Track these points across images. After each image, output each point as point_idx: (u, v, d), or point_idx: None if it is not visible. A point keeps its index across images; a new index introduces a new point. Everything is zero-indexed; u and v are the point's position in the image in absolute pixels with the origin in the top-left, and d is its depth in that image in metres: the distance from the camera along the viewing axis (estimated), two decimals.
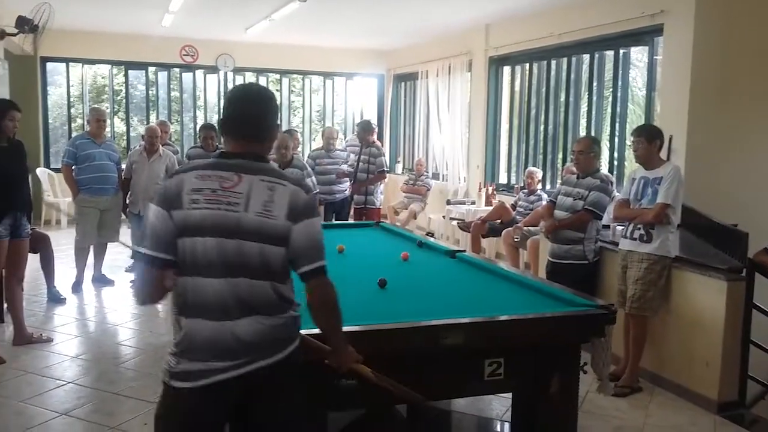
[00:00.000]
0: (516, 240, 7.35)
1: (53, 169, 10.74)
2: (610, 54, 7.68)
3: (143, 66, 12.02)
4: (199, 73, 12.20)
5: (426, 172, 10.58)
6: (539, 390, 3.00)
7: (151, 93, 12.24)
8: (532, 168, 8.24)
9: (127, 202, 7.06)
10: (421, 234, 6.17)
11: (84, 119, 11.09)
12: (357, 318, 2.80)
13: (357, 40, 11.68)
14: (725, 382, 4.29)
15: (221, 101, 12.39)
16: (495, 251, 8.67)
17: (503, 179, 9.89)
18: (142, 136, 7.63)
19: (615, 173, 7.34)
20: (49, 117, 11.98)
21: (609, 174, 6.87)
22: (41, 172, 10.60)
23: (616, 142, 7.59)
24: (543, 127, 8.93)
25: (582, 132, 8.09)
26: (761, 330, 4.56)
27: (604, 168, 7.49)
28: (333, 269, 3.96)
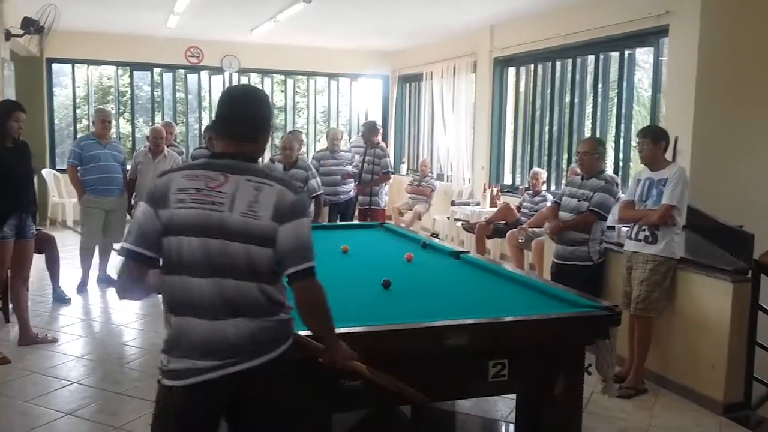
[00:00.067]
0: (520, 241, 7.34)
1: (59, 170, 10.78)
2: (615, 55, 7.67)
3: (148, 67, 12.04)
4: (204, 74, 12.22)
5: (430, 173, 10.57)
6: (543, 391, 2.99)
7: (157, 94, 12.27)
8: (536, 169, 8.23)
9: (132, 202, 7.07)
10: (426, 235, 6.16)
11: (89, 120, 11.14)
12: (361, 319, 2.81)
13: (362, 41, 11.69)
14: (731, 383, 4.27)
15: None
16: (500, 252, 8.66)
17: (508, 180, 9.87)
18: (147, 137, 7.63)
19: (620, 174, 7.33)
20: (55, 118, 12.00)
21: (614, 175, 6.85)
22: (47, 172, 10.63)
23: (621, 143, 7.57)
24: (548, 128, 8.92)
25: (587, 133, 8.07)
26: (767, 331, 4.55)
27: (609, 169, 7.48)
28: (337, 270, 4.01)
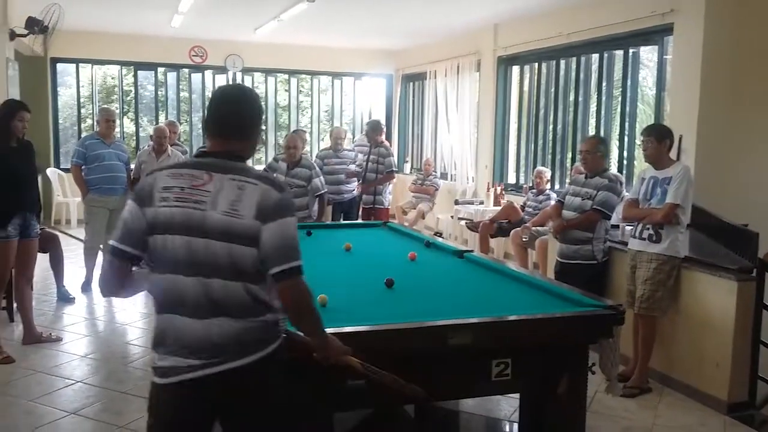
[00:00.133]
0: (524, 240, 7.33)
1: (63, 169, 10.80)
2: (619, 53, 7.65)
3: (152, 66, 12.06)
4: (208, 74, 12.23)
5: (434, 171, 10.56)
6: (547, 390, 2.98)
7: (161, 93, 12.29)
8: (540, 168, 8.21)
9: None
10: (429, 234, 6.16)
11: (94, 120, 11.15)
12: (364, 318, 2.81)
13: (365, 40, 11.68)
14: (735, 382, 4.26)
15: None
16: (503, 251, 8.65)
17: (512, 179, 9.87)
18: (150, 136, 7.65)
19: (624, 173, 7.30)
20: (59, 117, 12.04)
21: (618, 174, 6.83)
22: (51, 172, 10.65)
23: (625, 141, 7.55)
24: (552, 127, 8.90)
25: (591, 132, 8.05)
26: None
27: (613, 168, 7.46)
28: (340, 269, 4.02)
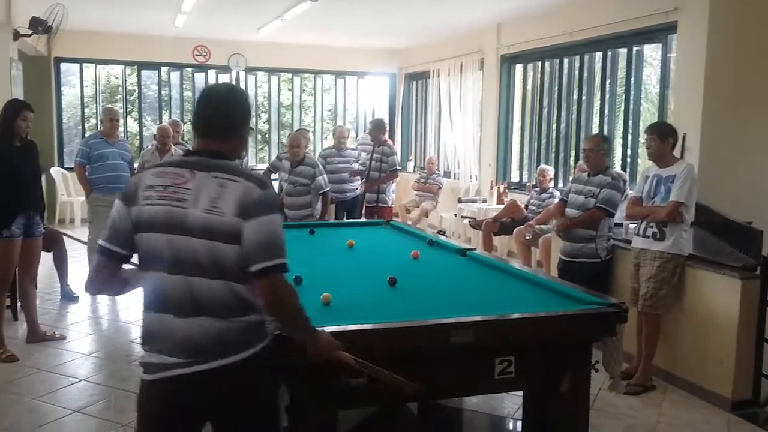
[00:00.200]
0: (528, 238, 7.32)
1: (67, 169, 10.82)
2: (623, 52, 7.63)
3: (156, 66, 12.08)
4: (212, 73, 12.22)
5: (437, 170, 10.55)
6: (550, 388, 2.98)
7: (164, 93, 12.30)
8: (544, 166, 8.20)
9: None
10: (433, 232, 6.15)
11: (97, 119, 11.17)
12: (367, 316, 2.81)
13: (368, 39, 11.67)
14: (739, 380, 4.26)
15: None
16: (507, 249, 8.65)
17: (515, 177, 9.85)
18: (154, 135, 7.65)
19: (628, 171, 7.29)
20: (63, 117, 12.04)
21: (622, 172, 6.83)
22: (55, 171, 10.68)
23: (629, 139, 7.53)
24: (555, 126, 8.89)
25: (595, 130, 8.04)
26: None
27: (617, 166, 7.45)
28: (344, 267, 4.02)
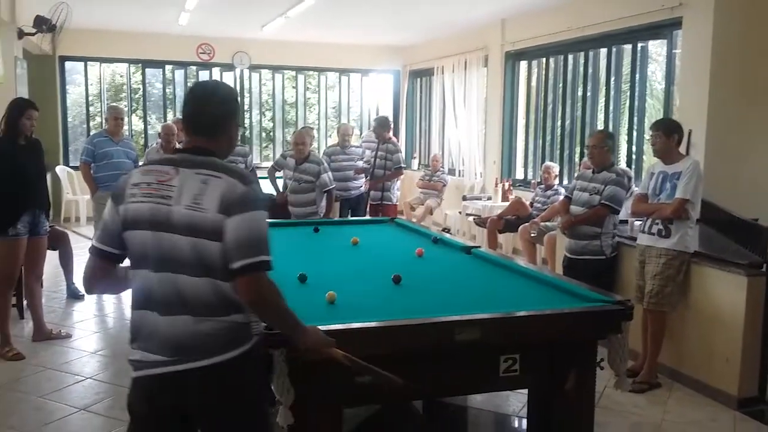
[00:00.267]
0: (533, 235, 7.31)
1: (72, 167, 10.85)
2: (628, 48, 7.60)
3: (160, 64, 12.09)
4: (216, 71, 12.23)
5: (442, 167, 10.54)
6: (555, 386, 2.97)
7: (168, 91, 12.31)
8: (549, 163, 8.18)
9: None
10: (437, 230, 6.15)
11: (102, 117, 11.19)
12: (372, 314, 2.81)
13: (372, 36, 11.66)
14: (745, 377, 4.24)
15: (237, 99, 12.39)
16: (512, 247, 8.64)
17: (520, 175, 9.83)
18: (159, 133, 7.66)
19: (633, 168, 7.27)
20: (68, 115, 12.09)
21: (627, 168, 6.81)
22: (60, 170, 10.70)
23: (634, 136, 7.51)
24: (560, 122, 8.86)
25: (600, 126, 8.01)
26: None
27: (622, 162, 7.43)
28: (348, 265, 4.01)
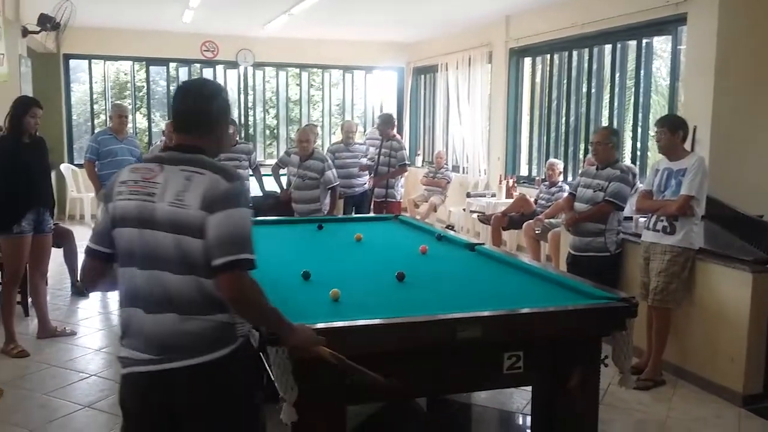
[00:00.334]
0: (537, 232, 7.30)
1: (77, 165, 10.86)
2: (632, 44, 7.58)
3: (164, 62, 12.11)
4: (220, 69, 12.24)
5: (446, 164, 10.52)
6: (559, 383, 2.97)
7: (173, 89, 12.30)
8: (553, 160, 8.17)
9: None
10: (441, 227, 6.14)
11: (106, 115, 11.21)
12: (375, 311, 2.81)
13: (376, 33, 11.65)
14: (750, 374, 4.23)
15: (242, 96, 12.44)
16: (516, 244, 8.62)
17: (524, 171, 9.81)
18: (163, 131, 7.67)
19: (638, 164, 7.25)
20: (73, 113, 12.10)
21: (631, 165, 6.79)
22: (65, 168, 10.72)
23: (639, 132, 7.48)
24: (564, 119, 8.84)
25: (604, 123, 7.99)
26: None
27: (627, 159, 7.41)
28: (352, 262, 4.01)
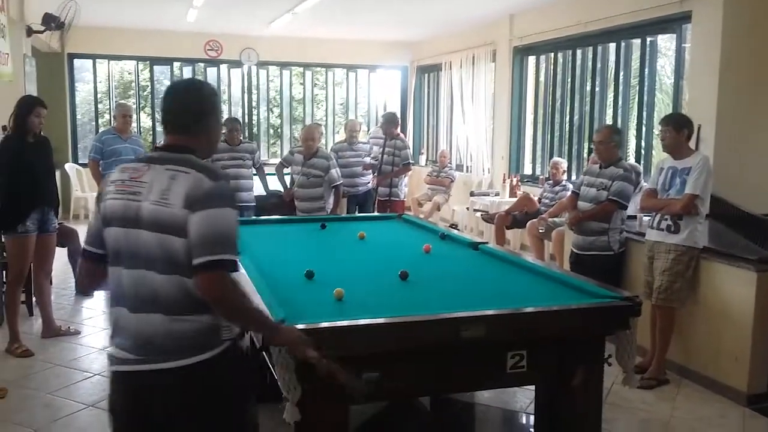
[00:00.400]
0: (541, 231, 7.29)
1: (81, 165, 10.89)
2: (637, 42, 7.55)
3: (168, 61, 12.12)
4: (224, 68, 12.26)
5: (450, 163, 10.51)
6: (563, 382, 2.96)
7: None
8: (557, 158, 8.15)
9: None
10: (445, 226, 6.14)
11: (111, 115, 11.23)
12: (379, 310, 2.81)
13: (380, 32, 11.64)
14: (754, 373, 4.22)
15: (246, 95, 12.45)
16: (519, 243, 8.61)
17: (528, 170, 9.80)
18: None
19: (642, 163, 7.23)
20: (77, 113, 12.13)
21: (635, 163, 6.77)
22: (69, 167, 10.75)
23: (643, 131, 7.46)
24: (568, 117, 8.82)
25: (608, 122, 7.97)
26: None
27: (631, 158, 7.39)
28: (355, 261, 4.00)
